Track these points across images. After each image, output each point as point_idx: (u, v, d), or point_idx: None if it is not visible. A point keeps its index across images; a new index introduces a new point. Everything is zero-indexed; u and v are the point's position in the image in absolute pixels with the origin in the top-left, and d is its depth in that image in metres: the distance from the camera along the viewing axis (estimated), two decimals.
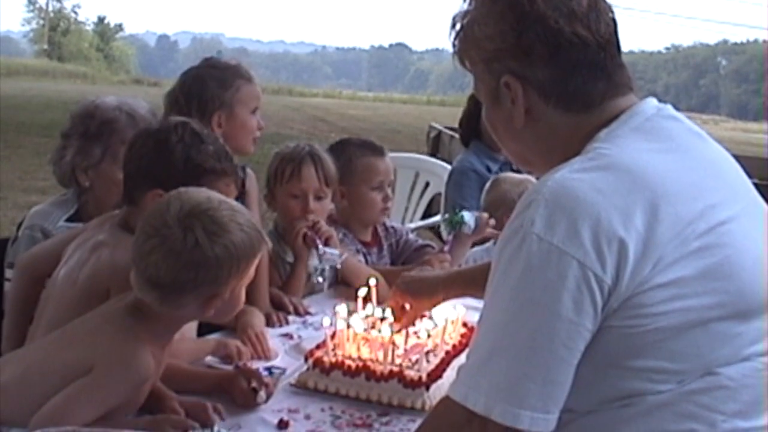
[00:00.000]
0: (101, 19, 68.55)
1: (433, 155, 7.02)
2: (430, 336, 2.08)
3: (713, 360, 1.33)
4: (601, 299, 1.28)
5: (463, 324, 2.22)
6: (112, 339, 1.59)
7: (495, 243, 2.77)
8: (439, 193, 4.68)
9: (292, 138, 3.41)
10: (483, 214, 2.92)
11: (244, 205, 2.86)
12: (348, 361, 1.92)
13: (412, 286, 2.10)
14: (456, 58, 1.54)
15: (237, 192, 2.04)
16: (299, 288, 2.64)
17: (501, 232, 1.39)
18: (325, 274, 2.59)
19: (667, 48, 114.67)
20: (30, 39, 65.95)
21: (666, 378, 1.32)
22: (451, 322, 2.14)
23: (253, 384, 1.82)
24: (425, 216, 5.45)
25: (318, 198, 2.68)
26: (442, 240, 3.63)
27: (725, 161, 1.50)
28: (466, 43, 1.51)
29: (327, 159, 2.71)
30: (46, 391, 1.55)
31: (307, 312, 2.53)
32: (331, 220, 2.81)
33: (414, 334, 2.07)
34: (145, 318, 1.62)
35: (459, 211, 2.86)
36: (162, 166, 1.87)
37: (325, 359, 1.94)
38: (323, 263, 2.56)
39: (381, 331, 1.98)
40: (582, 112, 1.44)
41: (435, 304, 2.09)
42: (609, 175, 1.32)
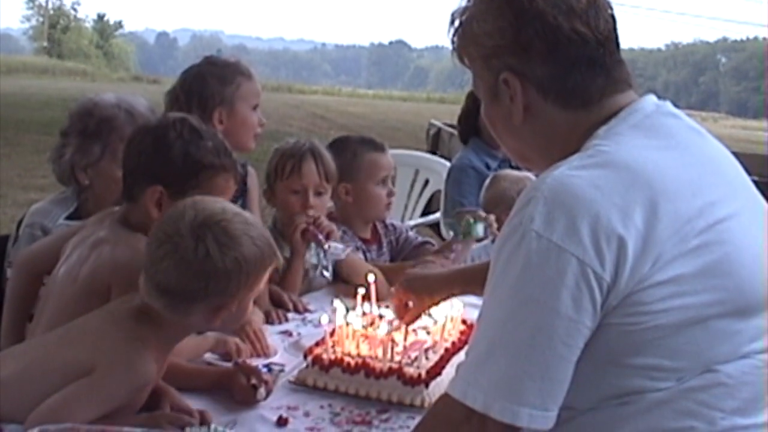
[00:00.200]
0: (101, 17, 68.64)
1: (433, 152, 7.03)
2: (429, 333, 2.08)
3: (712, 357, 1.33)
4: (600, 296, 1.27)
5: (463, 321, 2.23)
6: (116, 341, 1.59)
7: (494, 241, 2.76)
8: (439, 191, 4.68)
9: (291, 135, 3.40)
10: (491, 218, 2.81)
11: (245, 202, 2.90)
12: (347, 358, 1.92)
13: (414, 283, 2.10)
14: (455, 55, 1.53)
15: (237, 188, 2.04)
16: (296, 283, 2.64)
17: (500, 229, 1.39)
18: (330, 268, 2.59)
19: (667, 45, 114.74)
20: (29, 36, 65.96)
21: (665, 375, 1.32)
22: (451, 319, 2.15)
23: (253, 381, 1.81)
24: (425, 213, 5.45)
25: (318, 194, 2.68)
26: (441, 237, 3.62)
27: (725, 158, 1.50)
28: (464, 40, 1.51)
29: (327, 155, 2.72)
30: (45, 389, 1.55)
31: (307, 309, 2.53)
32: (331, 217, 2.81)
33: (413, 331, 2.08)
34: (151, 323, 1.61)
35: (474, 222, 2.77)
36: (161, 162, 1.87)
37: (325, 356, 1.94)
38: (327, 257, 2.56)
39: (379, 329, 1.98)
40: (581, 108, 1.44)
41: (437, 301, 2.09)
42: (608, 173, 1.32)
